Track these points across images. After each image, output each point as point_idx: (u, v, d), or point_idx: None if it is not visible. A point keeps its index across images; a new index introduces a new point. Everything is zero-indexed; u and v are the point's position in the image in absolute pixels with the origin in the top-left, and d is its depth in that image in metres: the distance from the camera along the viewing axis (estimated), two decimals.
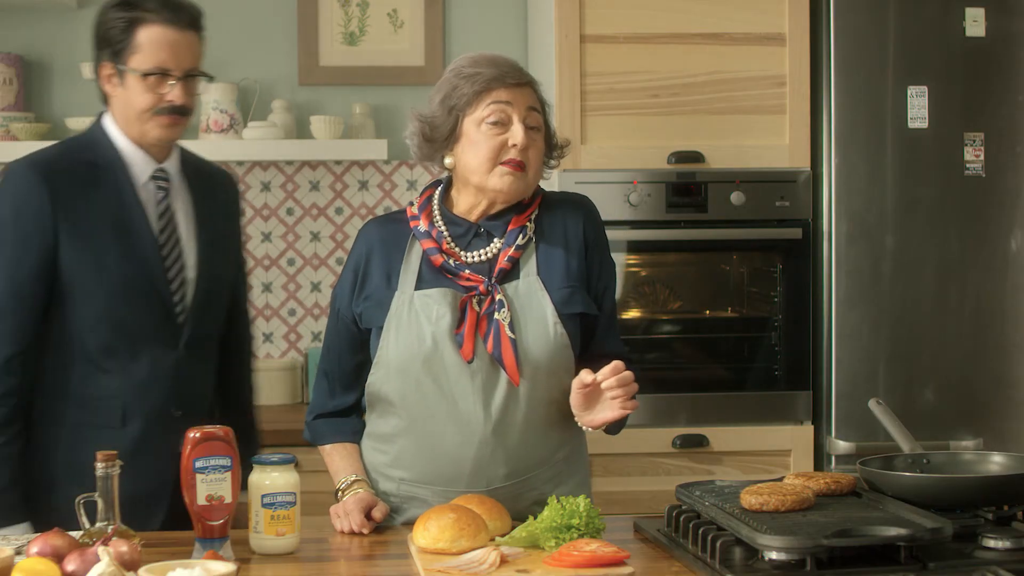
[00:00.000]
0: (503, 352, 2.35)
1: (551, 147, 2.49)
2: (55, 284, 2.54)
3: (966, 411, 3.62)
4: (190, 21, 2.58)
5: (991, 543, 2.04)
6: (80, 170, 2.58)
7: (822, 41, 3.61)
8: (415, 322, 2.39)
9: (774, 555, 1.95)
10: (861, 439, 3.54)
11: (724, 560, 2.01)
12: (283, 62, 4.12)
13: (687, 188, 3.60)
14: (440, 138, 2.44)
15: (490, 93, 2.38)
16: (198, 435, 2.18)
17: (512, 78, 2.40)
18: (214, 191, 2.74)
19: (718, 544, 2.01)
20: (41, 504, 2.52)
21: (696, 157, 3.59)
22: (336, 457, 2.51)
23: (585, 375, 2.29)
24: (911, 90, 3.59)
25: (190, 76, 2.57)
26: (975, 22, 3.60)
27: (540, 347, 2.38)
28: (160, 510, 2.54)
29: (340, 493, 2.44)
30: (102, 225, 2.55)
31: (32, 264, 2.53)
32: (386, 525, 2.43)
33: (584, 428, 2.40)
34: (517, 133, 2.37)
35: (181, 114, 2.58)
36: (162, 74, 2.54)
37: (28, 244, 2.53)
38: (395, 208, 4.08)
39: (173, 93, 2.55)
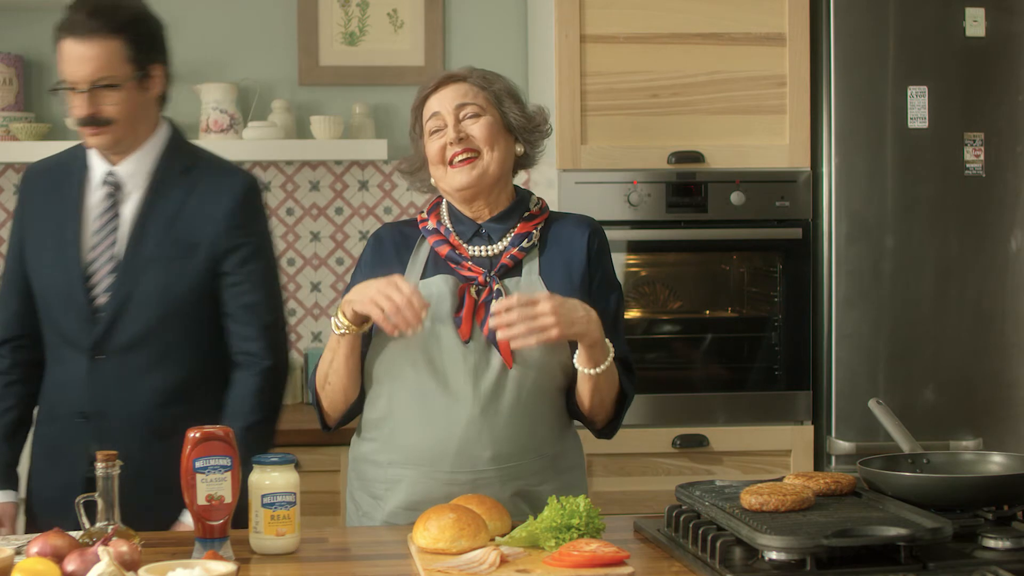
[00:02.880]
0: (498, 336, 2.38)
1: (518, 125, 2.52)
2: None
3: (966, 411, 3.62)
4: (97, 28, 2.53)
5: (991, 543, 2.04)
6: (54, 172, 2.70)
7: (822, 41, 3.61)
8: None
9: (774, 555, 1.96)
10: (861, 439, 3.54)
11: (724, 560, 2.01)
12: (283, 62, 4.12)
13: (687, 188, 3.60)
14: (416, 168, 2.58)
15: (423, 110, 2.53)
16: (198, 435, 2.17)
17: (435, 81, 2.53)
18: (198, 194, 2.64)
19: (718, 544, 2.02)
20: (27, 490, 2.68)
21: (696, 157, 3.59)
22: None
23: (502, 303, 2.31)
24: (911, 90, 3.59)
25: (99, 86, 2.54)
26: (975, 22, 3.60)
27: None
28: (68, 514, 2.29)
29: (338, 314, 2.40)
30: (47, 227, 2.65)
31: (15, 261, 2.70)
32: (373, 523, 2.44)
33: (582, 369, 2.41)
34: (448, 133, 2.47)
35: (99, 124, 2.57)
36: (71, 88, 2.55)
37: (12, 241, 2.72)
38: (395, 208, 4.10)
39: (77, 106, 2.56)
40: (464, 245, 2.50)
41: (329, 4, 4.11)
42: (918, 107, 3.59)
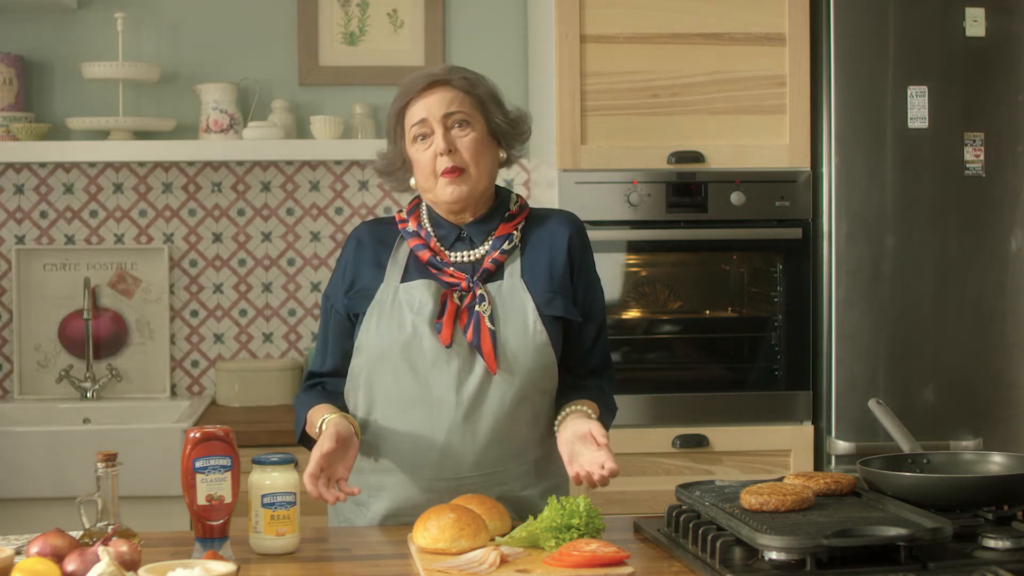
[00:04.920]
0: (482, 341, 2.39)
1: (503, 131, 2.50)
2: None
3: (966, 411, 3.62)
4: None
5: (991, 543, 2.04)
6: None
7: (822, 41, 3.61)
8: (397, 311, 2.44)
9: (774, 555, 1.96)
10: (861, 439, 3.54)
11: (724, 560, 2.01)
12: (283, 62, 4.12)
13: (687, 188, 3.60)
14: (394, 169, 2.55)
15: (405, 114, 2.49)
16: (198, 435, 2.17)
17: (419, 85, 2.47)
18: None
19: (718, 544, 2.02)
20: None
21: (696, 157, 3.59)
22: (313, 416, 2.47)
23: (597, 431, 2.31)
24: (911, 90, 3.59)
25: None
26: (975, 22, 3.60)
27: (519, 341, 2.41)
28: None
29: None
30: None
31: None
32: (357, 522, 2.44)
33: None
34: (437, 142, 2.44)
35: None
36: None
37: None
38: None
39: None
40: (445, 251, 2.49)
41: (329, 4, 4.11)
42: (918, 107, 3.59)
